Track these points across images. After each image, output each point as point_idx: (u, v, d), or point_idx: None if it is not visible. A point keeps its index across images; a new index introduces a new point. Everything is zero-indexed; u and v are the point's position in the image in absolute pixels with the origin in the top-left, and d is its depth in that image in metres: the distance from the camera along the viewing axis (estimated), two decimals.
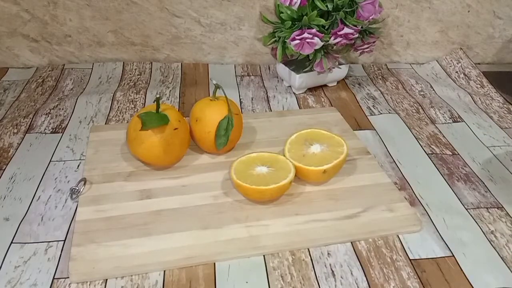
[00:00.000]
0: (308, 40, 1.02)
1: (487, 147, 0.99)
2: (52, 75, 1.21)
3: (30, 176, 0.86)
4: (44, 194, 0.82)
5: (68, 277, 0.67)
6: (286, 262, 0.71)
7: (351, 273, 0.70)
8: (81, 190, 0.81)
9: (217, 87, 0.85)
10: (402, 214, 0.79)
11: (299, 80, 1.14)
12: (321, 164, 0.81)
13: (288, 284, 0.68)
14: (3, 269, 0.68)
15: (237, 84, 1.21)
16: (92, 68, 1.25)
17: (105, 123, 1.02)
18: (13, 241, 0.73)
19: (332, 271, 0.70)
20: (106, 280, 0.67)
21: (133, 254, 0.70)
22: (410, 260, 0.73)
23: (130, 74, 1.23)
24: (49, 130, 0.98)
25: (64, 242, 0.73)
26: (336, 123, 1.03)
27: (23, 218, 0.77)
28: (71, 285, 0.67)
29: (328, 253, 0.73)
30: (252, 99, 1.14)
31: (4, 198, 0.81)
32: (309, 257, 0.72)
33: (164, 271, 0.69)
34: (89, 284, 0.67)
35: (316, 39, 1.02)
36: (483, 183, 0.89)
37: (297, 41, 1.02)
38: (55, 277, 0.68)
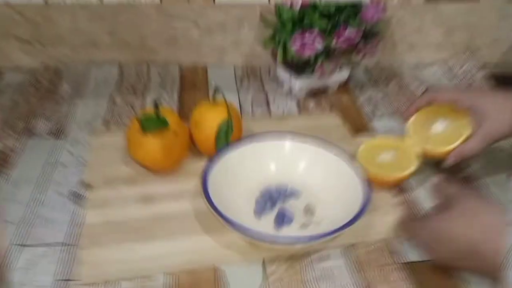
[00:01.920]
0: (309, 42, 1.01)
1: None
2: (48, 77, 1.19)
3: (30, 180, 0.85)
4: (45, 197, 0.82)
5: (69, 280, 0.67)
6: (284, 265, 0.72)
7: (349, 277, 0.71)
8: (83, 194, 0.80)
9: (216, 90, 0.85)
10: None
11: (300, 83, 1.12)
12: (446, 145, 0.83)
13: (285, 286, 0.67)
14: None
15: (237, 87, 1.19)
16: (88, 70, 1.23)
17: (104, 127, 1.00)
18: (14, 244, 0.72)
19: (329, 274, 0.71)
20: (110, 282, 0.67)
21: (137, 257, 0.71)
22: (406, 263, 0.73)
23: (128, 76, 1.21)
24: (47, 133, 0.97)
25: (65, 246, 0.73)
26: (336, 128, 1.03)
27: (23, 221, 0.76)
28: None
29: (325, 257, 0.74)
30: (252, 103, 1.12)
31: (4, 202, 0.80)
32: (306, 261, 0.73)
33: (167, 274, 0.69)
34: (92, 286, 0.67)
35: (318, 42, 1.01)
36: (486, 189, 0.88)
37: (298, 44, 1.01)
38: (55, 279, 0.68)
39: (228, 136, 0.84)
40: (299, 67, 1.14)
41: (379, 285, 0.69)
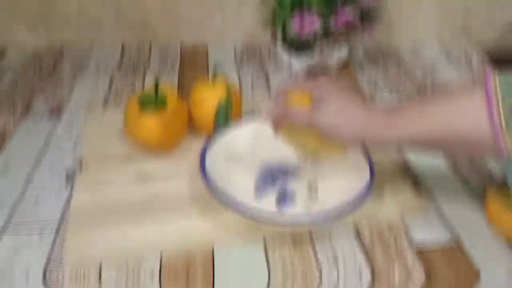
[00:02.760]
0: (308, 22, 1.01)
1: None
2: (50, 58, 1.19)
3: (26, 160, 0.85)
4: (40, 178, 0.81)
5: (62, 261, 0.66)
6: (287, 247, 0.71)
7: (354, 258, 0.69)
8: (77, 174, 0.80)
9: (216, 69, 0.84)
10: (406, 197, 0.79)
11: (299, 63, 1.12)
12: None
13: (289, 269, 0.67)
14: None
15: (237, 67, 1.19)
16: (91, 50, 1.23)
17: (103, 106, 1.00)
18: (8, 226, 0.72)
19: (334, 257, 0.70)
20: (101, 265, 0.67)
21: (129, 239, 0.69)
22: (414, 244, 0.72)
23: (129, 56, 1.21)
24: (47, 113, 0.97)
25: (59, 227, 0.72)
26: None
27: (17, 203, 0.76)
28: (65, 270, 0.66)
29: (330, 238, 0.72)
30: (251, 82, 1.12)
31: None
32: (311, 242, 0.72)
33: (161, 256, 0.68)
34: (84, 269, 0.66)
35: (317, 22, 1.01)
36: (488, 165, 0.88)
37: (298, 24, 1.01)
38: (49, 262, 0.67)
39: (228, 115, 0.84)
40: (299, 46, 1.14)
41: (390, 267, 0.68)
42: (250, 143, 0.85)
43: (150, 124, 0.80)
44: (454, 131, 0.60)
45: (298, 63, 1.12)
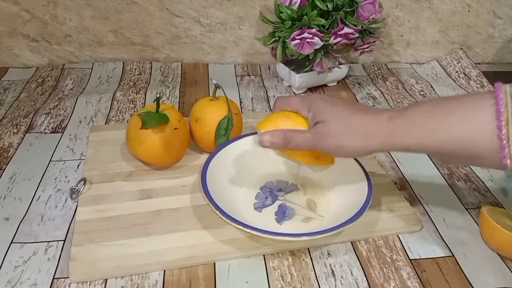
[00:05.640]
0: (308, 39, 1.02)
1: None
2: (52, 75, 1.21)
3: (30, 176, 0.86)
4: (44, 194, 0.82)
5: (68, 277, 0.67)
6: (286, 262, 0.71)
7: (351, 273, 0.70)
8: (81, 190, 0.81)
9: (217, 86, 0.85)
10: (402, 214, 0.79)
11: (299, 79, 1.14)
12: None
13: (288, 284, 0.68)
14: (3, 268, 0.68)
15: (237, 84, 1.21)
16: (92, 68, 1.25)
17: (105, 123, 1.02)
18: (13, 241, 0.73)
19: (332, 271, 0.70)
20: (106, 280, 0.67)
21: (133, 254, 0.70)
22: (410, 260, 0.73)
23: (130, 74, 1.23)
24: (49, 130, 0.98)
25: (64, 242, 0.73)
26: None
27: (23, 218, 0.77)
28: (71, 285, 0.67)
29: (328, 253, 0.73)
30: (252, 99, 1.14)
31: (4, 198, 0.81)
32: (309, 257, 0.72)
33: (164, 271, 0.69)
34: (89, 284, 0.67)
35: (316, 39, 1.02)
36: (483, 183, 0.89)
37: (297, 41, 1.02)
38: (55, 277, 0.68)
39: (228, 132, 0.85)
40: (298, 63, 1.15)
41: (385, 281, 0.70)
42: (250, 159, 0.86)
43: (152, 141, 0.81)
44: (463, 145, 0.60)
45: (297, 80, 1.13)
